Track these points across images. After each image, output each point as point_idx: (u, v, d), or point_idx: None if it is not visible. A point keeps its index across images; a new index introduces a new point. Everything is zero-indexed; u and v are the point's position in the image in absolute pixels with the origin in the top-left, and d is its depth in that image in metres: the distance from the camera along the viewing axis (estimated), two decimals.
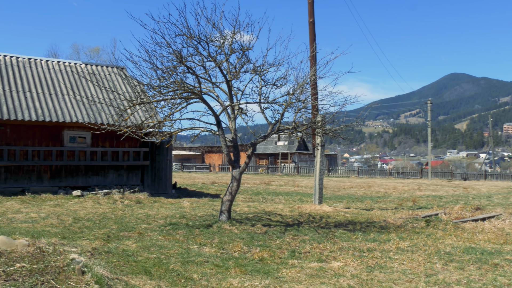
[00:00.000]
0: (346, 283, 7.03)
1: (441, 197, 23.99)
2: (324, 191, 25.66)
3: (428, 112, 53.26)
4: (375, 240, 10.65)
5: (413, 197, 22.76)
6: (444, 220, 13.95)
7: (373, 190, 28.88)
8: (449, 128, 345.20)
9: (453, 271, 7.96)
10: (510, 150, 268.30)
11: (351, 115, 13.54)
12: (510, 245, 10.74)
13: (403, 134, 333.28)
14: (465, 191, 29.89)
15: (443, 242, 10.74)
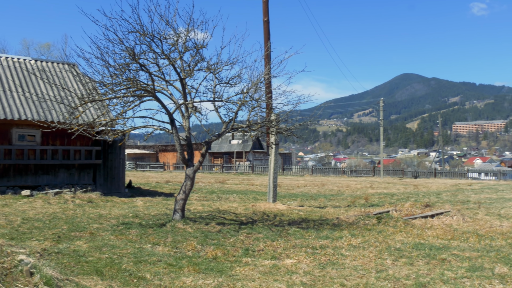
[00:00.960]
0: (299, 280, 7.11)
1: (392, 194, 24.54)
2: (279, 190, 25.83)
3: (380, 111, 54.32)
4: (328, 237, 10.81)
5: (365, 195, 23.19)
6: (395, 217, 14.29)
7: (326, 188, 29.26)
8: (401, 127, 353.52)
9: (402, 267, 8.16)
10: (458, 148, 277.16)
11: (305, 114, 13.69)
12: (457, 240, 11.10)
13: (356, 133, 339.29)
14: (415, 188, 30.65)
15: (394, 239, 11.00)
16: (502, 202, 20.31)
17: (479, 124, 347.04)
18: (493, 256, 9.20)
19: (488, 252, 9.58)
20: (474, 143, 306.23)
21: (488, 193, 26.97)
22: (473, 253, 9.48)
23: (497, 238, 11.51)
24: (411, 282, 7.13)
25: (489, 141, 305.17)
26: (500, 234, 12.09)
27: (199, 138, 63.23)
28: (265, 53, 14.60)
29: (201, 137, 70.67)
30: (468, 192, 27.55)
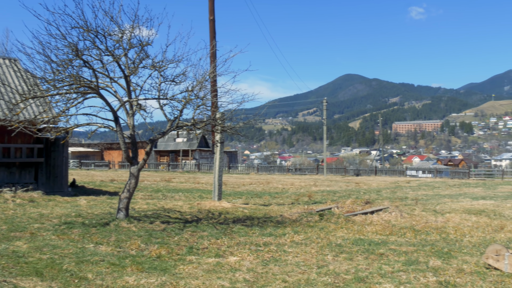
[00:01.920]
0: (242, 277, 7.24)
1: (335, 192, 25.12)
2: (224, 188, 25.93)
3: (323, 111, 55.30)
4: (271, 235, 11.00)
5: (309, 193, 23.63)
6: (336, 214, 14.67)
7: (271, 186, 29.60)
8: (344, 127, 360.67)
9: (342, 262, 8.44)
10: (398, 147, 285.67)
11: (251, 112, 13.85)
12: (395, 236, 11.55)
13: (301, 132, 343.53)
14: (357, 186, 31.45)
15: (335, 235, 11.33)
16: (437, 199, 21.19)
17: (417, 124, 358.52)
18: (428, 250, 9.64)
19: (423, 247, 10.03)
20: (412, 142, 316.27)
21: (425, 190, 28.04)
22: (409, 247, 9.90)
23: (432, 233, 12.06)
24: (350, 276, 7.39)
25: (427, 140, 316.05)
26: (435, 229, 12.66)
27: (145, 136, 62.34)
28: (210, 51, 14.67)
29: (147, 135, 69.67)
30: (406, 189, 28.53)
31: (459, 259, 8.81)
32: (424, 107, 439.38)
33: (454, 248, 9.93)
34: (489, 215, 15.60)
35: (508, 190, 28.92)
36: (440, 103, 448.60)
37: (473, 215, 15.42)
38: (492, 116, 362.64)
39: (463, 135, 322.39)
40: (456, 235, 11.83)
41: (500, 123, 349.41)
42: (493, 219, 14.55)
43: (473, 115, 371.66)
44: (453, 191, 27.41)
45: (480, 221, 14.06)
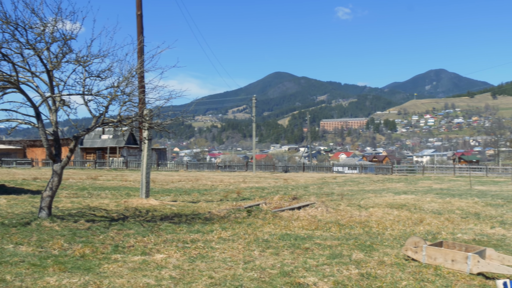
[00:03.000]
0: (168, 274, 7.18)
1: (263, 188, 25.38)
2: (153, 185, 25.58)
3: (253, 108, 55.69)
4: (199, 231, 10.97)
5: (237, 189, 23.75)
6: (264, 210, 14.83)
7: (200, 183, 29.49)
8: (273, 124, 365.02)
9: (269, 257, 8.55)
10: (326, 144, 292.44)
11: (180, 109, 13.72)
12: (320, 230, 11.83)
13: (231, 129, 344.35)
14: (285, 182, 31.92)
15: (262, 230, 11.45)
16: (362, 194, 21.90)
17: (344, 121, 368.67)
18: (352, 243, 9.95)
19: (347, 240, 10.34)
20: (339, 139, 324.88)
21: (351, 185, 28.90)
22: (334, 241, 10.17)
23: (356, 227, 12.45)
24: (276, 271, 7.50)
25: (353, 137, 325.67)
26: (359, 223, 13.09)
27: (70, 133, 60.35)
28: (138, 46, 14.43)
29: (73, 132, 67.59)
30: (333, 185, 29.29)
31: (381, 252, 9.15)
32: (350, 105, 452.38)
33: (376, 241, 10.30)
34: (410, 209, 16.30)
35: (428, 185, 30.33)
36: (365, 101, 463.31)
37: (395, 209, 16.06)
38: (414, 114, 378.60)
39: (387, 133, 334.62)
40: (378, 228, 12.27)
41: (421, 121, 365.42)
42: (413, 213, 15.22)
43: (396, 113, 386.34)
44: (377, 186, 28.41)
45: (401, 215, 14.66)
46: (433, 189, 26.05)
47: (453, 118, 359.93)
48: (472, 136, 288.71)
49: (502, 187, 28.92)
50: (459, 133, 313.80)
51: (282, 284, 6.82)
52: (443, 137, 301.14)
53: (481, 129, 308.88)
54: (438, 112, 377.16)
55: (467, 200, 18.92)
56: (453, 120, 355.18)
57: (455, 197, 20.19)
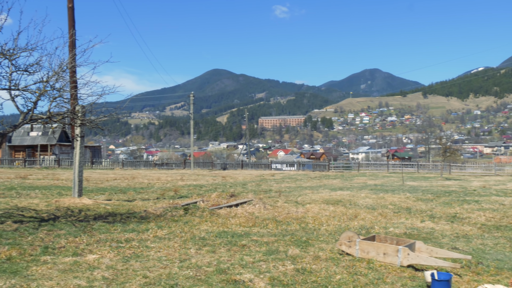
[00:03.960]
0: (101, 275, 6.95)
1: (201, 186, 25.20)
2: (86, 184, 24.85)
3: (191, 105, 55.23)
4: (134, 230, 10.73)
5: (175, 187, 23.45)
6: (201, 208, 14.70)
7: (137, 182, 28.93)
8: (212, 121, 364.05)
9: (205, 255, 8.46)
10: (264, 141, 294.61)
11: (116, 106, 13.34)
12: (257, 227, 11.84)
13: (168, 126, 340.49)
14: (223, 180, 31.83)
15: (199, 228, 11.33)
16: (299, 190, 22.15)
17: (282, 119, 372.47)
18: (288, 239, 10.01)
19: (284, 236, 10.39)
20: (278, 136, 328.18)
21: (288, 182, 29.18)
22: (270, 238, 10.20)
23: (293, 223, 12.55)
24: (212, 268, 7.43)
25: (291, 135, 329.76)
26: (296, 219, 13.20)
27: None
28: (69, 40, 13.91)
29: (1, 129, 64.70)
30: (271, 182, 29.48)
31: (316, 247, 9.25)
32: (288, 103, 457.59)
33: (312, 237, 10.42)
34: (345, 204, 16.62)
35: (363, 181, 31.08)
36: (303, 99, 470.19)
37: (331, 205, 16.33)
38: (350, 112, 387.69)
39: (324, 130, 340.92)
40: (314, 224, 12.42)
41: (357, 119, 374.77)
42: (348, 208, 15.52)
43: (333, 111, 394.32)
44: (314, 183, 28.84)
45: (337, 211, 14.92)
46: (367, 185, 26.71)
47: (387, 116, 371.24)
48: (404, 134, 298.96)
49: (432, 182, 30.04)
50: (393, 130, 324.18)
51: (218, 281, 6.76)
52: (378, 135, 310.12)
53: (413, 127, 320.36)
54: (372, 111, 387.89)
55: (399, 196, 19.52)
56: (387, 118, 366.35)
57: (388, 193, 20.78)
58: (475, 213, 14.80)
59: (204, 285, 6.59)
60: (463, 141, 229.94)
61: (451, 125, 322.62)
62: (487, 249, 9.52)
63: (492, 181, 31.68)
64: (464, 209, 15.64)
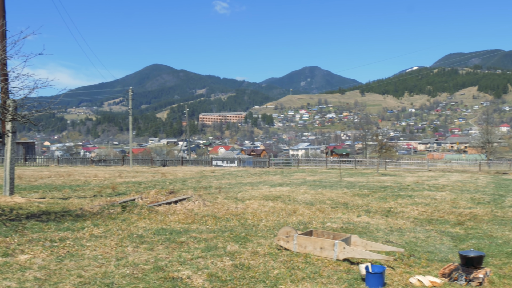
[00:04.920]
0: (32, 275, 6.72)
1: (140, 183, 24.80)
2: (19, 182, 23.93)
3: (129, 100, 54.22)
4: (69, 229, 10.43)
5: (113, 184, 22.98)
6: (140, 205, 14.48)
7: (73, 179, 28.13)
8: (151, 117, 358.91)
9: (143, 252, 8.34)
10: (205, 138, 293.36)
11: (50, 100, 12.88)
12: (197, 224, 11.79)
13: (106, 122, 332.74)
14: (163, 176, 31.47)
15: (137, 226, 11.16)
16: (239, 187, 22.21)
17: (223, 115, 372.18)
18: (227, 235, 10.02)
19: (223, 233, 10.40)
20: (218, 133, 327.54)
21: (229, 178, 29.20)
22: (209, 234, 10.18)
23: (232, 219, 12.58)
24: (149, 266, 7.33)
25: (232, 131, 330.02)
26: (235, 215, 13.24)
27: None
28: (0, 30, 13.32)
29: None
30: (211, 178, 29.40)
31: (255, 243, 9.31)
32: (229, 99, 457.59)
33: (251, 233, 10.48)
34: (285, 200, 16.81)
35: (302, 177, 31.53)
36: (244, 95, 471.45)
37: (270, 201, 16.48)
38: (290, 109, 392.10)
39: (265, 127, 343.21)
40: (253, 220, 12.49)
41: (297, 115, 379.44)
42: (287, 204, 15.71)
43: (273, 108, 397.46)
44: (254, 179, 28.99)
45: (276, 206, 15.07)
46: (306, 181, 27.12)
47: (326, 113, 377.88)
48: (343, 131, 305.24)
49: (369, 178, 30.87)
50: (332, 127, 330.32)
51: (156, 279, 6.68)
52: (317, 132, 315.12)
53: (351, 124, 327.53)
54: (312, 108, 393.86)
55: (337, 191, 19.94)
56: (326, 115, 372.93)
57: (326, 189, 21.19)
58: (409, 207, 15.34)
59: (141, 283, 6.49)
60: (398, 138, 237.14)
61: (387, 122, 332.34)
62: (419, 242, 9.88)
63: (425, 177, 32.90)
64: (398, 204, 16.17)
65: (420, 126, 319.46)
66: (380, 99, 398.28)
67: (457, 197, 18.42)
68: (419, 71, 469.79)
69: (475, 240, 10.19)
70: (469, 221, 12.84)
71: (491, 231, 11.25)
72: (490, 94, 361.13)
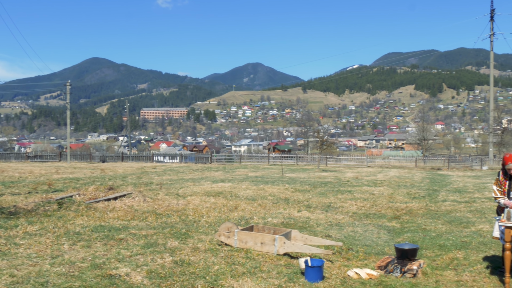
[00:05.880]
0: None
1: (78, 179, 24.16)
2: None
3: (67, 94, 52.67)
4: (1, 227, 10.03)
5: (49, 181, 22.27)
6: (77, 202, 14.10)
7: (6, 175, 27.06)
8: (91, 112, 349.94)
9: (80, 250, 8.12)
10: (146, 133, 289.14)
11: None
12: (136, 220, 11.59)
13: (43, 116, 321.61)
14: (102, 172, 30.78)
15: (74, 223, 10.86)
16: (181, 183, 22.04)
17: (165, 111, 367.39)
18: (167, 232, 9.91)
19: (163, 229, 10.28)
20: (160, 129, 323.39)
21: (170, 174, 28.92)
22: (149, 230, 10.03)
23: (173, 215, 12.45)
24: (86, 264, 7.15)
25: (174, 127, 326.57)
26: (176, 211, 13.11)
27: None
28: None
29: None
30: (152, 174, 29.02)
31: (196, 239, 9.25)
32: (171, 95, 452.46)
33: (192, 229, 10.41)
34: (226, 196, 16.81)
35: (244, 173, 31.62)
36: (186, 91, 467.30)
37: (212, 197, 16.44)
38: (233, 105, 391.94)
39: (208, 123, 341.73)
40: (195, 216, 12.41)
41: (240, 112, 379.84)
42: (229, 200, 15.71)
43: (216, 104, 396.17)
44: (196, 175, 28.84)
45: (218, 202, 15.05)
46: (249, 177, 27.22)
47: (269, 110, 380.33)
48: (285, 127, 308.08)
49: (310, 174, 31.33)
50: (274, 124, 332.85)
51: (93, 277, 6.52)
52: (260, 128, 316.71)
53: (293, 120, 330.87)
54: (255, 104, 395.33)
55: (278, 187, 20.13)
56: (269, 112, 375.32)
57: (268, 184, 21.34)
58: (348, 202, 15.68)
59: (77, 281, 6.32)
60: (339, 134, 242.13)
61: (328, 119, 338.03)
62: (357, 236, 10.10)
63: (364, 172, 33.73)
64: (338, 199, 16.49)
65: (360, 123, 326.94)
66: (322, 96, 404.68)
67: (394, 192, 18.99)
68: (359, 69, 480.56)
69: (410, 233, 10.53)
70: (405, 215, 13.25)
71: (425, 225, 11.65)
72: (426, 93, 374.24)
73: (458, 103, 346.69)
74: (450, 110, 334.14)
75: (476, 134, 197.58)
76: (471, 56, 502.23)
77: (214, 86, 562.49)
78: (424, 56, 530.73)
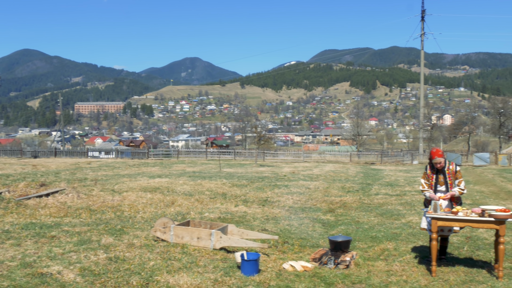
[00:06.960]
0: None
1: (8, 175, 23.24)
2: None
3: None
4: None
5: None
6: (7, 199, 13.59)
7: None
8: (22, 105, 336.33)
9: (9, 249, 7.85)
10: (81, 128, 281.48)
11: None
12: (70, 217, 11.31)
13: None
14: (34, 168, 29.75)
15: (3, 221, 10.48)
16: (117, 178, 21.62)
17: (100, 105, 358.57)
18: (102, 228, 9.74)
19: (97, 226, 10.08)
20: (95, 123, 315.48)
21: (106, 170, 28.31)
22: (83, 227, 9.82)
23: (108, 211, 12.23)
24: (16, 263, 6.93)
25: (110, 122, 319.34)
26: (111, 207, 12.89)
27: None
28: None
29: None
30: (87, 170, 28.31)
31: (131, 235, 9.14)
32: (107, 89, 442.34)
33: (127, 225, 10.27)
34: (163, 191, 16.65)
35: (181, 168, 31.41)
36: (123, 85, 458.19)
37: (148, 192, 16.24)
38: (171, 100, 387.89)
39: (145, 117, 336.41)
40: (130, 212, 12.25)
41: (177, 106, 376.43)
42: (166, 195, 15.57)
43: (153, 98, 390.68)
44: (133, 170, 28.37)
45: (154, 198, 14.89)
46: (186, 172, 27.06)
47: (207, 105, 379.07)
48: (223, 122, 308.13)
49: (248, 169, 31.51)
50: (212, 119, 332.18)
51: (22, 276, 6.33)
52: (198, 123, 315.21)
53: (231, 115, 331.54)
54: (193, 99, 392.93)
55: (216, 182, 20.13)
56: (207, 107, 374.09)
57: (205, 179, 21.30)
58: (284, 196, 15.90)
59: (6, 280, 6.12)
60: (276, 130, 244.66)
61: (266, 114, 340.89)
62: (292, 229, 10.29)
63: (300, 167, 34.26)
64: (275, 193, 16.70)
65: (297, 119, 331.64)
66: (260, 92, 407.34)
67: (329, 186, 19.43)
68: (296, 65, 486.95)
69: (344, 226, 10.83)
70: (339, 209, 13.60)
71: (359, 217, 12.02)
72: (360, 90, 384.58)
73: (391, 100, 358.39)
74: (383, 107, 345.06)
75: (408, 130, 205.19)
76: (404, 54, 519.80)
77: (151, 80, 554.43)
78: (359, 53, 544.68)
